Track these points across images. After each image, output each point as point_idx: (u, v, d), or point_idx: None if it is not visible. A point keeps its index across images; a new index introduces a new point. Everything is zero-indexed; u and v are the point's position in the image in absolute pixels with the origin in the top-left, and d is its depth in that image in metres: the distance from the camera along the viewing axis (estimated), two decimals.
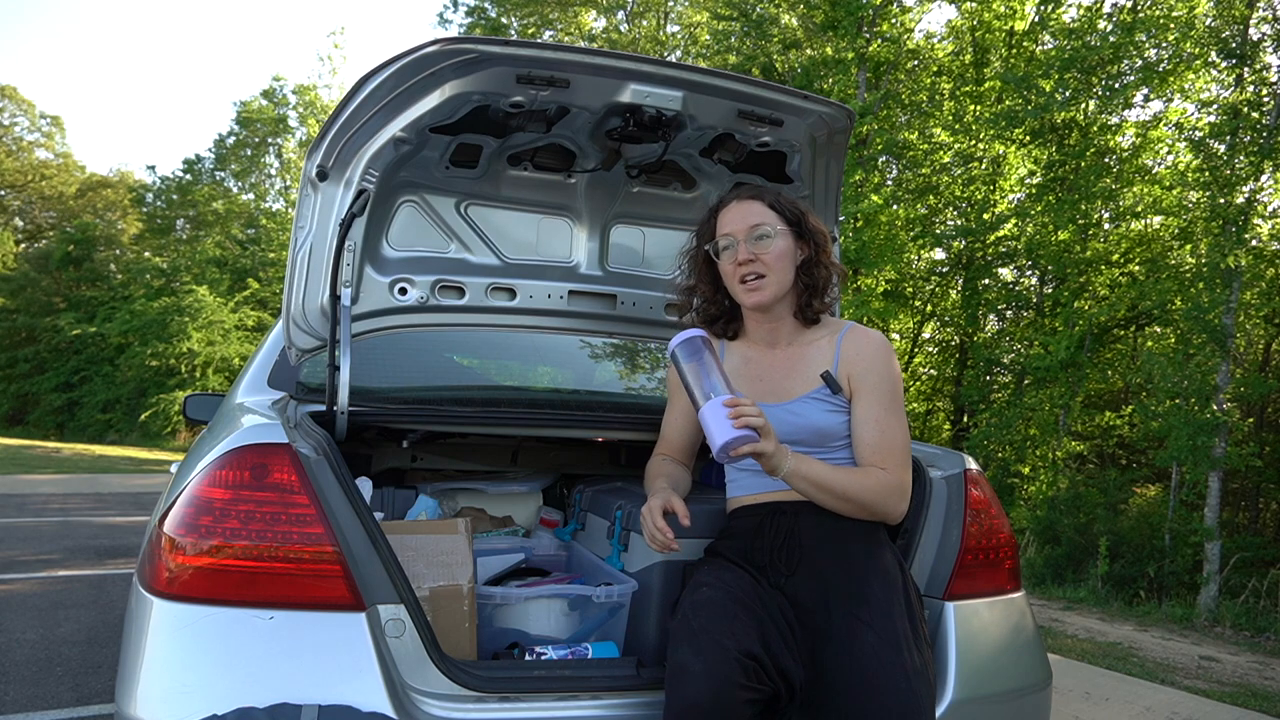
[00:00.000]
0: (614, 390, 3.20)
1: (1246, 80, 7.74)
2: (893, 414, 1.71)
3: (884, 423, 1.70)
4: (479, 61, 1.71)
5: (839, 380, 1.74)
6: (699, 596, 1.60)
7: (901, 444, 1.71)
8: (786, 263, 1.77)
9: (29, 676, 3.51)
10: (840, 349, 1.77)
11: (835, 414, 1.73)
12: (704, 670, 1.44)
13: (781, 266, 1.76)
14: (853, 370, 1.74)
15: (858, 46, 11.08)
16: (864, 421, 1.71)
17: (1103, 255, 9.77)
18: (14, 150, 30.94)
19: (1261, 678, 4.90)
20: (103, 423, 23.16)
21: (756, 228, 1.76)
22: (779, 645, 1.54)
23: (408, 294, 2.12)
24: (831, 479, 1.65)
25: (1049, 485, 9.40)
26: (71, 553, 6.34)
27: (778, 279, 1.76)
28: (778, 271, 1.76)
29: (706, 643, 1.48)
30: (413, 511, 2.20)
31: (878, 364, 1.74)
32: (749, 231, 1.76)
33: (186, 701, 1.34)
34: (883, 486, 1.67)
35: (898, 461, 1.70)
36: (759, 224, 1.76)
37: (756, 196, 1.80)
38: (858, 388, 1.73)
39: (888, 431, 1.70)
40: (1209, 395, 7.39)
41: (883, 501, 1.68)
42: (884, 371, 1.74)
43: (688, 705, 1.42)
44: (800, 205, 1.82)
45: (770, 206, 1.78)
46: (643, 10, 21.26)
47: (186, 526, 1.45)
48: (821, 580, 1.63)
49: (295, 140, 25.88)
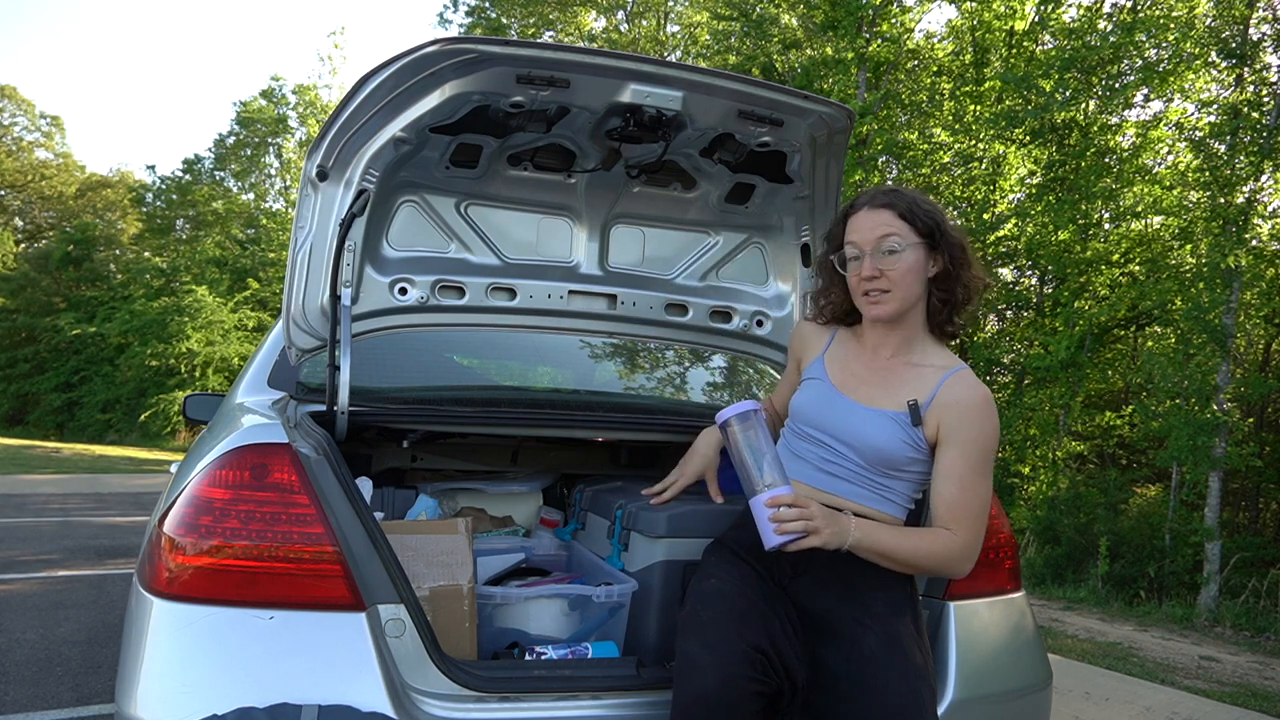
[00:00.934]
0: (614, 390, 3.20)
1: (1246, 80, 7.74)
2: (979, 475, 1.62)
3: (967, 482, 1.61)
4: (479, 61, 1.71)
5: (925, 417, 1.64)
6: (707, 588, 1.60)
7: (980, 507, 1.62)
8: (913, 278, 1.66)
9: (29, 676, 3.51)
10: (940, 389, 1.64)
11: (906, 446, 1.63)
12: (712, 663, 1.44)
13: (907, 282, 1.66)
14: (946, 418, 1.62)
15: (858, 46, 11.08)
16: (946, 476, 1.62)
17: (1103, 255, 9.77)
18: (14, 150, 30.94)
19: (1261, 678, 4.90)
20: (103, 423, 23.15)
21: (884, 240, 1.65)
22: (784, 642, 1.54)
23: (408, 294, 2.12)
24: (898, 549, 1.59)
25: (1049, 485, 9.40)
26: (71, 553, 6.34)
27: (902, 295, 1.66)
28: (902, 287, 1.65)
29: (715, 636, 1.48)
30: (413, 511, 2.20)
31: (975, 420, 1.62)
32: (876, 244, 1.65)
33: (186, 701, 1.34)
34: (949, 553, 1.60)
35: (971, 525, 1.61)
36: (887, 235, 1.65)
37: (888, 204, 1.67)
38: (947, 438, 1.62)
39: (968, 491, 1.61)
40: (1209, 395, 7.39)
41: (947, 567, 1.62)
42: (980, 429, 1.62)
43: (696, 698, 1.42)
44: (937, 215, 1.69)
45: (901, 216, 1.66)
46: (643, 10, 21.25)
47: (186, 526, 1.45)
48: (826, 584, 1.62)
49: (295, 140, 25.89)
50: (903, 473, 1.66)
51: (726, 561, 1.68)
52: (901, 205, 1.67)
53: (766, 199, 2.21)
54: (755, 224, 2.30)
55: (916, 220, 1.66)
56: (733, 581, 1.61)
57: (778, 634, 1.54)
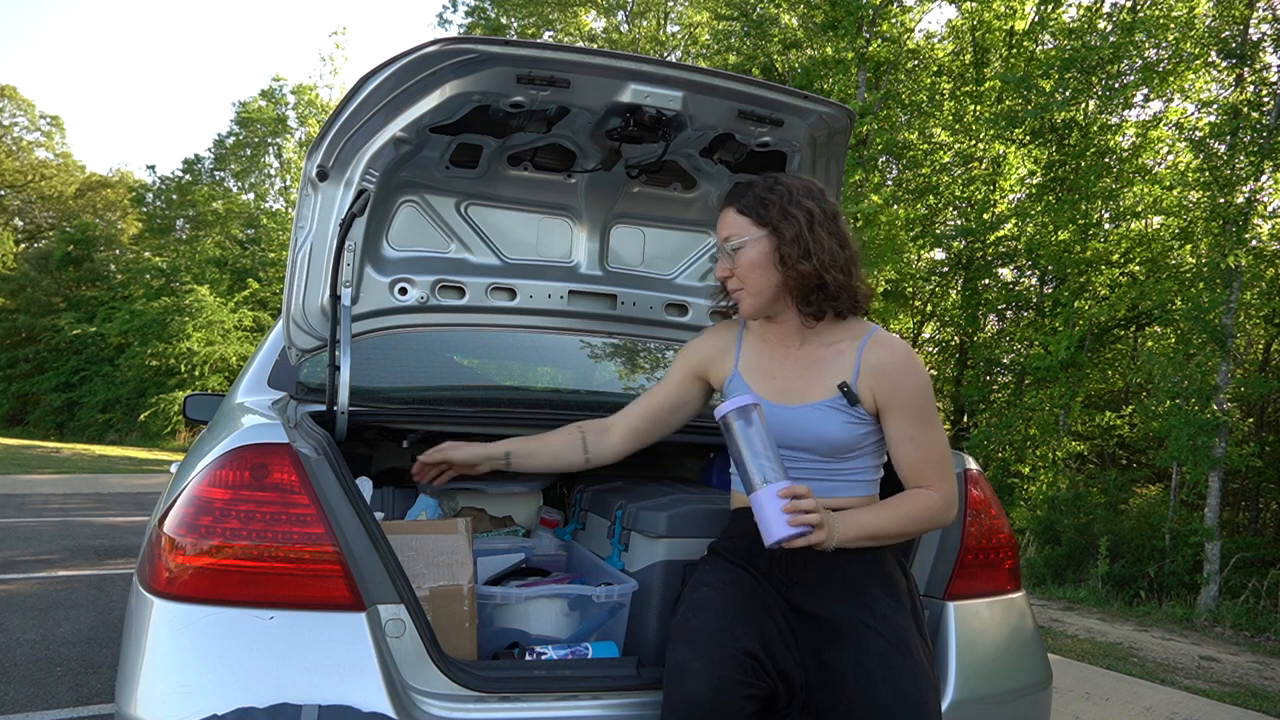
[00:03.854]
0: (614, 390, 3.20)
1: (1246, 80, 7.73)
2: (928, 427, 1.65)
3: (920, 439, 1.64)
4: (479, 61, 1.71)
5: (859, 392, 1.65)
6: (698, 596, 1.60)
7: (941, 455, 1.66)
8: (759, 272, 1.68)
9: (29, 676, 3.51)
10: (861, 358, 1.67)
11: (852, 426, 1.65)
12: (702, 669, 1.44)
13: (754, 277, 1.68)
14: (877, 386, 1.65)
15: (858, 46, 11.08)
16: (900, 441, 1.65)
17: (1103, 255, 9.77)
18: (14, 150, 30.93)
19: (1261, 678, 4.90)
20: (103, 423, 23.15)
21: (726, 240, 1.70)
22: (779, 646, 1.54)
23: (408, 294, 2.12)
24: (883, 525, 1.60)
25: (1049, 485, 9.40)
26: (71, 553, 6.34)
27: (752, 290, 1.69)
28: (750, 282, 1.69)
29: (704, 642, 1.48)
30: (413, 511, 2.19)
31: (906, 378, 1.64)
32: (722, 244, 1.71)
33: (186, 701, 1.34)
34: (932, 507, 1.63)
35: (941, 474, 1.65)
36: (728, 237, 1.70)
37: (730, 201, 1.72)
38: (886, 405, 1.65)
39: (925, 446, 1.64)
40: (1209, 395, 7.38)
41: (935, 520, 1.64)
42: (913, 385, 1.65)
43: (687, 704, 1.42)
44: (777, 200, 1.67)
45: (740, 211, 1.69)
46: (643, 10, 21.25)
47: (186, 526, 1.45)
48: (823, 587, 1.62)
49: (295, 140, 25.89)
50: (858, 450, 1.67)
51: (719, 569, 1.68)
52: (739, 200, 1.70)
53: None
54: None
55: (752, 212, 1.68)
56: (724, 587, 1.60)
57: (772, 637, 1.54)
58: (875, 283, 11.28)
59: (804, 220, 1.65)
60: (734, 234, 1.69)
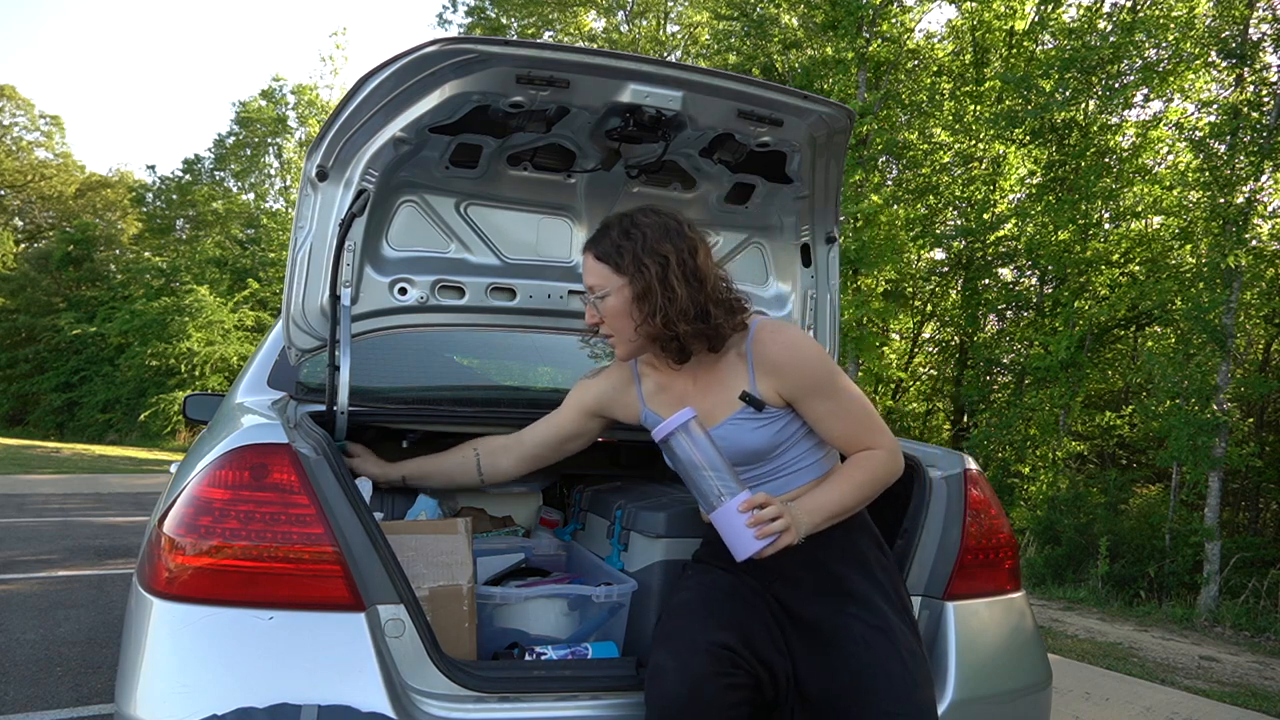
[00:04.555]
0: None
1: (1246, 80, 7.73)
2: (842, 398, 1.64)
3: (839, 410, 1.64)
4: (479, 61, 1.71)
5: (762, 394, 1.64)
6: (675, 601, 1.62)
7: (865, 415, 1.65)
8: (624, 320, 1.66)
9: (29, 676, 3.51)
10: (752, 359, 1.66)
11: (764, 428, 1.64)
12: (676, 666, 1.45)
13: (620, 324, 1.67)
14: (776, 381, 1.64)
15: (858, 46, 11.08)
16: (821, 420, 1.65)
17: (1103, 255, 9.77)
18: (14, 150, 30.92)
19: (1261, 678, 4.90)
20: (103, 423, 23.15)
21: (591, 290, 1.68)
22: (762, 637, 1.55)
23: (408, 294, 2.12)
24: (843, 497, 1.61)
25: (1049, 485, 9.40)
26: (71, 553, 6.34)
27: (622, 335, 1.69)
28: (619, 330, 1.68)
29: (678, 642, 1.49)
30: (413, 511, 2.19)
31: (799, 364, 1.63)
32: (588, 292, 1.70)
33: (186, 701, 1.34)
34: (879, 464, 1.64)
35: (874, 431, 1.65)
36: (591, 286, 1.68)
37: (589, 248, 1.69)
38: (793, 395, 1.64)
39: (847, 417, 1.64)
40: (1209, 395, 7.38)
41: (889, 473, 1.65)
42: (808, 365, 1.63)
43: (665, 703, 1.43)
44: (628, 240, 1.63)
45: (599, 259, 1.66)
46: (643, 10, 21.26)
47: (186, 526, 1.45)
48: (801, 579, 1.63)
49: (295, 140, 25.90)
50: (786, 444, 1.67)
51: (698, 572, 1.69)
52: (599, 248, 1.67)
53: (766, 199, 2.21)
54: (755, 224, 2.30)
55: (610, 260, 1.64)
56: (701, 589, 1.62)
57: (752, 629, 1.54)
58: (875, 283, 11.29)
59: (655, 271, 1.61)
60: (596, 283, 1.67)
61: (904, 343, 14.03)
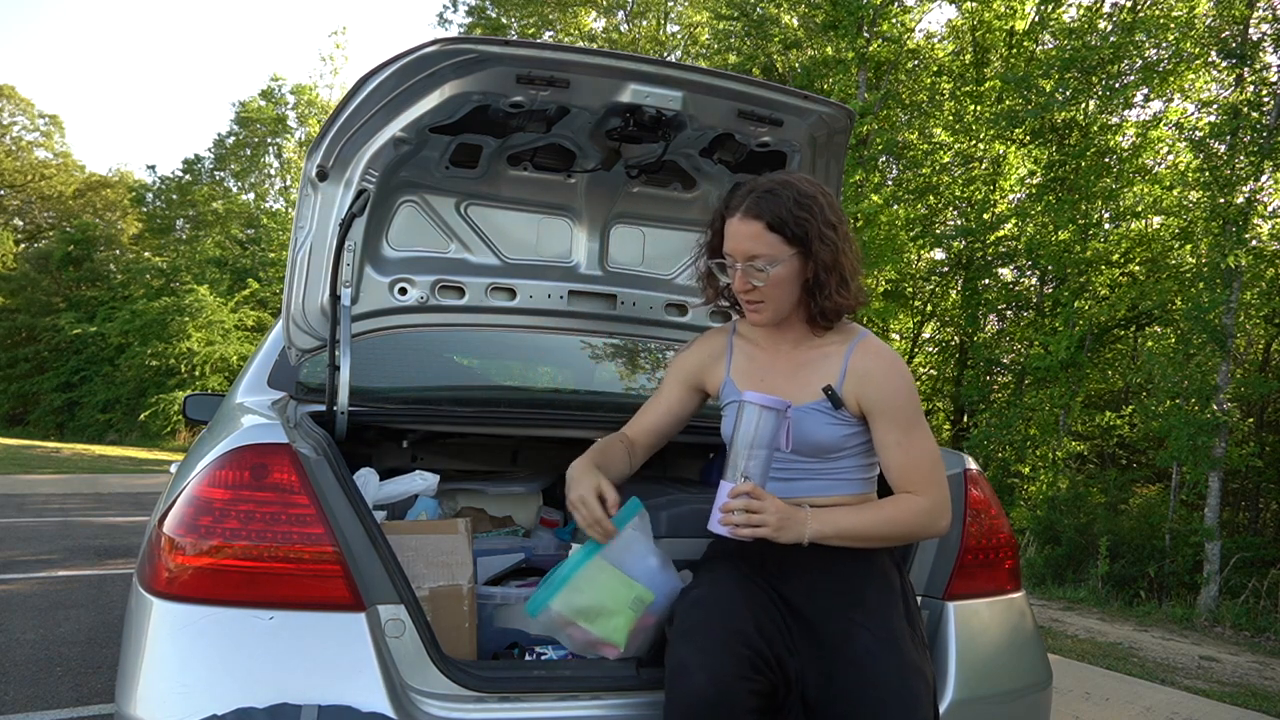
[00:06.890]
0: (614, 390, 3.20)
1: (1246, 80, 7.73)
2: (915, 433, 1.64)
3: (906, 444, 1.63)
4: (479, 61, 1.71)
5: (843, 396, 1.65)
6: (692, 595, 1.61)
7: (929, 462, 1.64)
8: (786, 289, 1.65)
9: (29, 676, 3.51)
10: (848, 363, 1.67)
11: (835, 427, 1.66)
12: (703, 664, 1.43)
13: (779, 294, 1.65)
14: (862, 392, 1.65)
15: (858, 46, 11.08)
16: (885, 445, 1.64)
17: (1103, 255, 9.77)
18: (13, 150, 30.93)
19: (1261, 678, 4.90)
20: (103, 423, 23.15)
21: (753, 260, 1.62)
22: (774, 635, 1.54)
23: (408, 294, 2.12)
24: (864, 526, 1.60)
25: (1049, 485, 9.40)
26: (71, 553, 6.34)
27: (775, 305, 1.66)
28: (775, 299, 1.65)
29: (703, 638, 1.48)
30: (413, 511, 2.19)
31: (890, 384, 1.64)
32: (746, 261, 1.63)
33: (186, 701, 1.34)
34: (917, 513, 1.61)
35: (929, 480, 1.63)
36: (755, 256, 1.62)
37: (758, 215, 1.61)
38: (872, 410, 1.65)
39: (912, 453, 1.63)
40: (1209, 395, 7.38)
41: (922, 528, 1.63)
42: (898, 391, 1.64)
43: (691, 701, 1.41)
44: (811, 215, 1.61)
45: (770, 227, 1.60)
46: (643, 10, 21.25)
47: (186, 526, 1.45)
48: (814, 585, 1.62)
49: (295, 140, 25.90)
50: (844, 451, 1.67)
51: (712, 567, 1.69)
52: (770, 214, 1.61)
53: None
54: None
55: (786, 229, 1.61)
56: (716, 584, 1.61)
57: (766, 627, 1.54)
58: (875, 283, 11.28)
59: (839, 244, 1.63)
60: (766, 252, 1.62)
61: (904, 343, 14.02)
